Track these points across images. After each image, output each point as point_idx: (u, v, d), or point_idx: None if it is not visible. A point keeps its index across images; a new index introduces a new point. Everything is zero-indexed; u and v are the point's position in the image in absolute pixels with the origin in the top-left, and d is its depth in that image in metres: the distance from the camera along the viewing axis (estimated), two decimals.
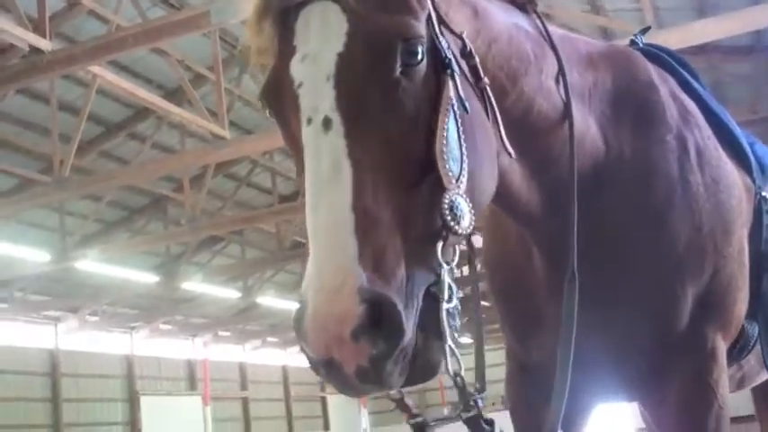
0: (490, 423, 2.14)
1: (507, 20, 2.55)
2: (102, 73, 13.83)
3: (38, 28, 11.71)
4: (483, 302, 2.88)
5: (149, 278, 25.52)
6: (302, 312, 1.79)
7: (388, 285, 1.78)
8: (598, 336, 2.77)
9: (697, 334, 2.79)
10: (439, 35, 2.08)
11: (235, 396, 38.08)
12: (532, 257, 2.88)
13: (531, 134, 2.56)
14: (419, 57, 2.00)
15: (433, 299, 1.88)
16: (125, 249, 22.58)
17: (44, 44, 11.61)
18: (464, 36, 2.21)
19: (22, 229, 23.36)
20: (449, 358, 1.87)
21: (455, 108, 2.02)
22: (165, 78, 20.26)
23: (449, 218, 1.91)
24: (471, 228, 1.97)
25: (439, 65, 2.06)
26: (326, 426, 43.45)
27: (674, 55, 3.40)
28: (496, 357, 3.71)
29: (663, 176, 2.79)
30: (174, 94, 19.91)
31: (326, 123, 1.92)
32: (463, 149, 2.01)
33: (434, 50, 2.06)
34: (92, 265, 21.88)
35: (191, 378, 36.16)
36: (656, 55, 3.28)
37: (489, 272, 3.25)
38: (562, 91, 2.63)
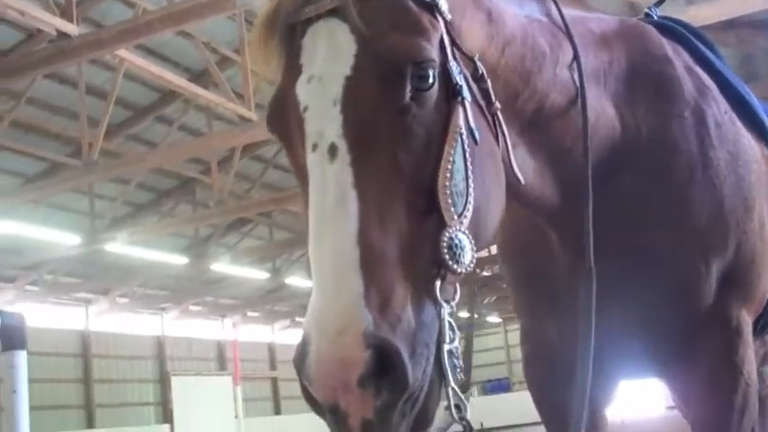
0: None
1: (520, 15, 2.46)
2: (129, 57, 13.89)
3: (65, 13, 11.78)
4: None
5: (179, 260, 25.65)
6: (305, 352, 1.71)
7: (394, 331, 1.70)
8: (622, 315, 2.73)
9: (721, 311, 2.75)
10: (451, 59, 1.97)
11: (264, 376, 38.26)
12: (549, 241, 2.81)
13: (545, 126, 2.48)
14: (430, 81, 1.88)
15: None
16: (154, 232, 22.71)
17: (71, 29, 11.67)
18: (476, 59, 2.10)
19: (52, 213, 23.53)
20: (452, 401, 1.80)
21: (463, 138, 1.92)
22: (192, 61, 20.26)
23: (447, 256, 1.82)
24: (472, 265, 1.88)
25: (450, 91, 1.95)
26: None
27: (689, 27, 3.30)
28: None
29: (682, 153, 2.73)
30: (200, 77, 19.90)
31: (332, 150, 1.83)
32: (469, 182, 1.90)
33: (446, 75, 1.94)
34: (121, 247, 22.01)
35: (220, 358, 36.40)
36: (670, 28, 3.18)
37: (504, 255, 3.20)
38: (576, 78, 2.54)
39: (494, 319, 46.42)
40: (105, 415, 29.74)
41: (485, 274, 34.23)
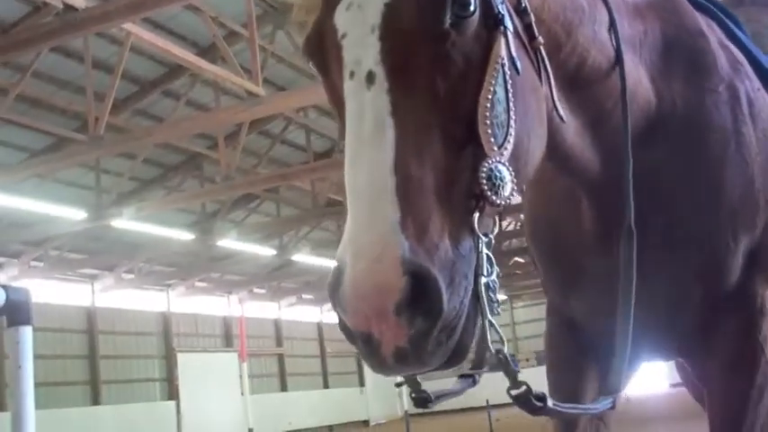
0: (542, 399, 2.03)
1: None
2: (136, 30, 13.80)
3: None
4: (517, 258, 2.83)
5: (185, 236, 25.67)
6: (339, 278, 1.70)
7: (431, 259, 1.68)
8: (647, 291, 2.71)
9: (747, 290, 2.75)
10: None
11: (271, 352, 38.41)
12: (581, 211, 2.81)
13: (585, 87, 2.47)
14: (471, 8, 1.85)
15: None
16: (160, 207, 22.70)
17: (78, 2, 11.60)
18: None
19: (58, 188, 23.52)
20: (488, 334, 1.80)
21: (505, 68, 1.89)
22: (199, 36, 20.18)
23: (486, 187, 1.79)
24: (512, 197, 1.85)
25: (491, 20, 1.91)
26: (362, 382, 43.73)
27: (718, 4, 3.29)
28: (529, 313, 3.64)
29: (716, 128, 2.73)
30: (207, 52, 19.82)
31: (370, 78, 1.81)
32: (511, 113, 1.88)
33: (487, 4, 1.91)
34: (127, 222, 22.03)
35: (227, 335, 36.52)
36: (700, 3, 3.17)
37: (532, 226, 3.21)
38: (614, 41, 2.53)
39: (500, 296, 46.49)
40: (111, 391, 29.87)
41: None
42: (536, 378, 3.21)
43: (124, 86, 19.95)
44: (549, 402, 2.01)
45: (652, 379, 31.00)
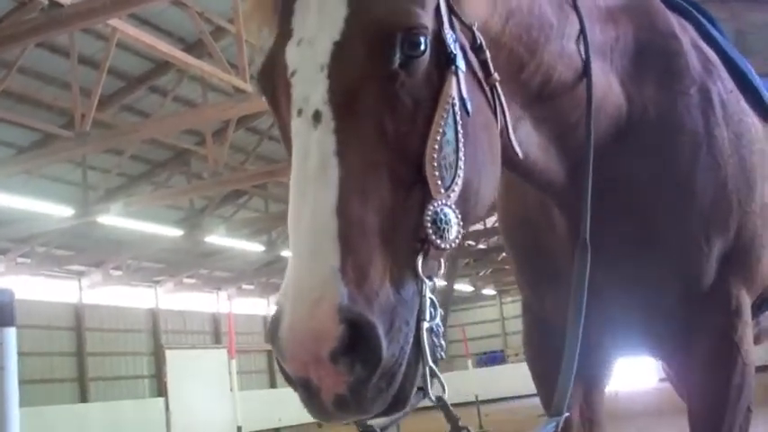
0: None
1: None
2: (122, 26, 13.73)
3: None
4: (505, 254, 2.81)
5: (173, 232, 25.62)
6: (277, 324, 1.67)
7: (370, 306, 1.64)
8: (623, 293, 2.76)
9: (722, 291, 2.76)
10: (446, 27, 1.89)
11: (260, 349, 38.38)
12: (552, 215, 2.81)
13: (551, 103, 2.44)
14: (422, 48, 1.81)
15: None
16: (148, 203, 22.64)
17: None
18: (475, 28, 2.00)
19: (45, 184, 23.45)
20: (428, 381, 1.75)
21: (455, 109, 1.85)
22: (186, 31, 20.13)
23: (431, 231, 1.75)
24: (457, 241, 1.81)
25: (443, 59, 1.87)
26: None
27: (693, 2, 3.27)
28: (518, 309, 3.65)
29: (687, 131, 2.73)
30: (194, 48, 19.75)
31: (317, 117, 1.77)
32: (460, 154, 1.83)
33: (439, 43, 1.87)
34: (115, 219, 21.95)
35: (215, 331, 36.52)
36: (675, 3, 3.15)
37: (506, 228, 3.20)
38: (583, 53, 2.50)
39: (489, 291, 46.71)
40: (99, 388, 29.85)
41: (480, 247, 34.55)
42: (526, 371, 3.30)
43: (110, 82, 19.86)
44: None
45: (641, 374, 31.09)
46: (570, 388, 2.30)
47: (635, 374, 30.00)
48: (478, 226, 31.43)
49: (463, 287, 43.91)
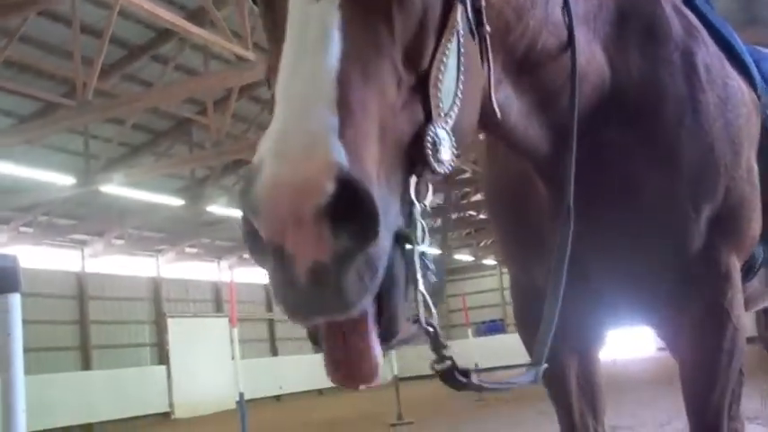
0: (466, 374, 1.91)
1: None
2: None
3: None
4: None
5: (175, 202, 25.63)
6: (254, 176, 1.47)
7: (368, 179, 1.48)
8: (610, 263, 2.75)
9: (711, 256, 2.74)
10: None
11: (261, 317, 38.52)
12: (537, 190, 2.77)
13: (534, 70, 2.39)
14: None
15: (403, 241, 1.62)
16: (150, 173, 22.66)
17: None
18: None
19: (47, 154, 23.44)
20: (421, 306, 1.66)
21: (460, 37, 1.80)
22: None
23: (429, 152, 1.67)
24: (450, 168, 1.73)
25: None
26: None
27: None
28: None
29: (672, 97, 2.69)
30: (196, 15, 19.66)
31: None
32: (459, 85, 1.79)
33: None
34: (117, 188, 21.98)
35: (217, 300, 36.61)
36: None
37: (490, 200, 3.18)
38: (567, 21, 2.44)
39: (489, 261, 46.76)
40: (102, 356, 29.97)
41: (481, 217, 34.60)
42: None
43: (112, 51, 19.79)
44: (474, 378, 1.92)
45: (638, 343, 31.23)
46: (550, 339, 2.28)
47: (634, 343, 30.14)
48: (479, 196, 31.45)
49: (464, 257, 44.00)
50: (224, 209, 27.05)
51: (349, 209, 1.44)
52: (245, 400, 11.93)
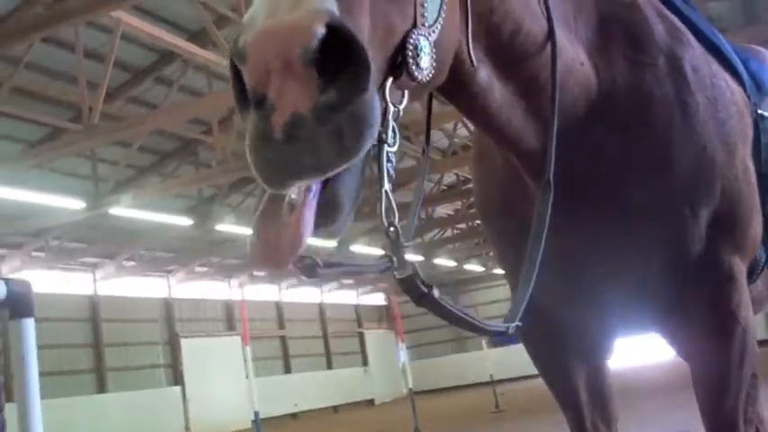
0: (429, 286, 1.84)
1: None
2: (126, 18, 13.78)
3: None
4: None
5: (183, 221, 25.68)
6: (244, 30, 1.47)
7: (361, 33, 1.50)
8: (610, 272, 2.72)
9: (713, 259, 2.70)
10: None
11: (273, 335, 38.51)
12: (526, 188, 2.71)
13: (519, 57, 2.38)
14: None
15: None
16: (158, 194, 22.69)
17: None
18: None
19: (55, 178, 23.52)
20: (383, 203, 1.67)
21: None
22: (189, 21, 20.09)
23: (410, 53, 1.69)
24: (428, 77, 1.76)
25: None
26: (365, 361, 43.88)
27: None
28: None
29: (659, 102, 2.66)
30: (198, 37, 19.75)
31: None
32: (442, 11, 1.83)
33: None
34: (125, 210, 22.02)
35: (229, 319, 36.60)
36: None
37: (480, 205, 3.14)
38: (545, 12, 2.43)
39: (500, 271, 46.57)
40: (116, 378, 29.99)
41: None
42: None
43: (117, 75, 19.89)
44: (435, 292, 1.85)
45: (653, 348, 31.08)
46: (526, 300, 2.23)
47: (649, 348, 30.00)
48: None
49: (474, 267, 43.86)
50: (232, 227, 27.09)
51: (338, 57, 1.42)
52: (260, 419, 11.94)
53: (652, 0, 2.96)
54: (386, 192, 1.67)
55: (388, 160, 1.69)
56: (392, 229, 1.72)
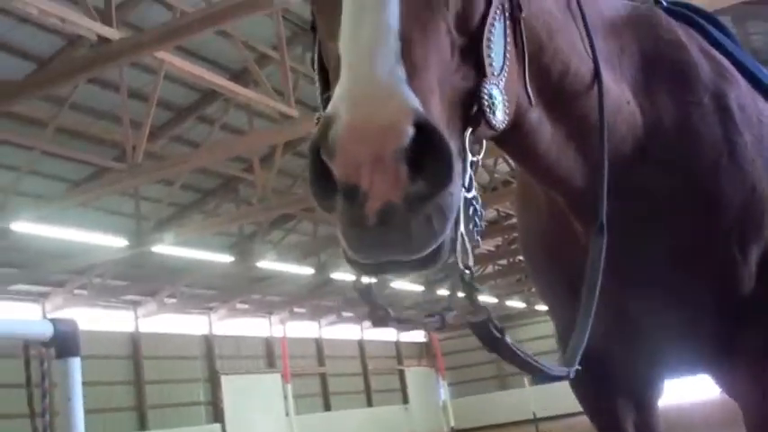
0: (501, 331, 1.86)
1: None
2: (169, 59, 13.95)
3: (105, 18, 11.87)
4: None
5: (224, 258, 25.80)
6: (329, 125, 1.52)
7: (442, 127, 1.57)
8: (661, 313, 2.68)
9: (764, 299, 2.64)
10: None
11: (313, 372, 38.44)
12: (571, 228, 2.70)
13: (568, 97, 2.40)
14: None
15: None
16: (199, 231, 22.84)
17: (111, 33, 11.75)
18: None
19: (99, 216, 23.74)
20: (458, 247, 1.68)
21: (505, 9, 1.92)
22: (231, 60, 20.36)
23: (486, 104, 1.76)
24: (504, 125, 1.84)
25: None
26: (405, 399, 43.66)
27: (701, 11, 3.19)
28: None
29: (706, 141, 2.62)
30: (240, 76, 20.00)
31: None
32: (507, 50, 1.90)
33: None
34: (167, 248, 22.18)
35: (269, 356, 36.59)
36: (681, 14, 3.07)
37: (524, 244, 3.13)
38: (590, 53, 2.45)
39: (542, 307, 46.26)
40: (157, 416, 30.01)
41: None
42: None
43: (159, 114, 20.13)
44: (508, 338, 1.88)
45: (703, 385, 30.57)
46: (584, 343, 2.25)
47: (698, 386, 29.57)
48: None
49: (516, 303, 43.59)
50: (273, 263, 27.17)
51: (426, 154, 1.50)
52: None
53: (696, 37, 2.95)
54: (461, 234, 1.70)
55: (471, 206, 1.74)
56: (467, 272, 1.75)
